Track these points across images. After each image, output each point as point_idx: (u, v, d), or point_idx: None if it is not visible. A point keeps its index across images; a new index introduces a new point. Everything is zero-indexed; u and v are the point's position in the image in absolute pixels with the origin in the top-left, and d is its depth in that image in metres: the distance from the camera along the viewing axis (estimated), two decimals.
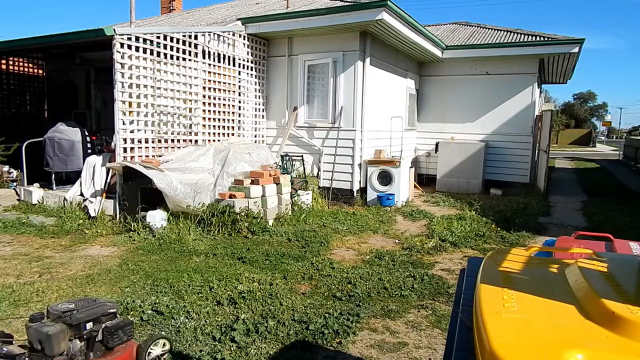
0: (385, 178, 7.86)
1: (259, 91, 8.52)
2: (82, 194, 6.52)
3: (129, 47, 5.99)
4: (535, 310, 1.00)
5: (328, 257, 4.80)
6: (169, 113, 6.70)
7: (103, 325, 2.36)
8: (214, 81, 7.47)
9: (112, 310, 2.42)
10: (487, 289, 1.11)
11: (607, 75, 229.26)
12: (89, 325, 2.30)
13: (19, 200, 7.05)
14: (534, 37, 9.77)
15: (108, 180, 6.31)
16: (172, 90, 6.70)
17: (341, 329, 3.05)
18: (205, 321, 3.11)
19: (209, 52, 7.29)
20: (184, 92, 6.92)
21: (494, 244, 5.60)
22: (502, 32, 10.92)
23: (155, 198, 5.62)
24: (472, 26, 12.04)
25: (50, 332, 2.14)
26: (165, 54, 6.52)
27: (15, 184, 7.64)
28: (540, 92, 13.25)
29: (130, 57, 6.02)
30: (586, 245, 2.12)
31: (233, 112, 7.96)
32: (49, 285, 3.78)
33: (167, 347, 2.67)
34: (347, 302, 3.57)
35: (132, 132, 6.18)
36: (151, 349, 2.55)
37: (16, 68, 10.33)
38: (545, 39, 9.47)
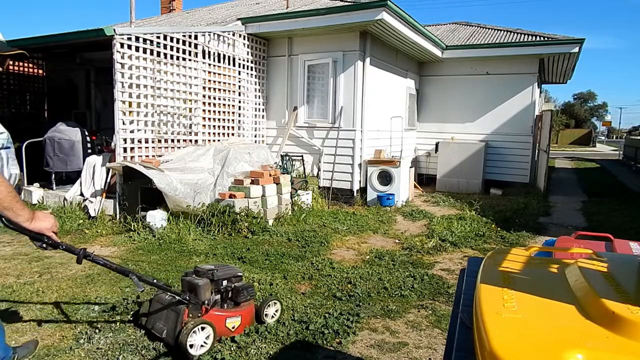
0: (385, 178, 7.86)
1: (259, 91, 8.52)
2: (82, 194, 6.52)
3: (129, 47, 5.99)
4: (535, 310, 1.00)
5: (328, 257, 4.79)
6: (169, 113, 6.70)
7: (233, 285, 2.96)
8: (214, 81, 7.47)
9: (239, 274, 3.03)
10: (487, 289, 1.11)
11: (607, 75, 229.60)
12: (225, 283, 2.92)
13: None
14: (533, 37, 9.77)
15: (108, 180, 6.31)
16: (172, 90, 6.70)
17: (341, 329, 3.04)
18: None
19: (209, 52, 7.29)
20: (184, 92, 6.92)
21: (494, 244, 5.60)
22: (502, 32, 10.93)
23: (155, 198, 5.62)
24: (472, 26, 12.04)
25: (200, 283, 2.78)
26: (165, 54, 6.51)
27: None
28: (540, 92, 13.26)
29: (130, 57, 6.02)
30: (586, 245, 2.12)
31: (233, 112, 7.96)
32: (49, 285, 3.78)
33: (279, 307, 3.19)
34: (347, 302, 3.58)
35: (132, 132, 6.18)
36: (267, 308, 3.11)
37: (16, 68, 10.32)
38: (545, 39, 9.47)
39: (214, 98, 7.49)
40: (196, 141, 7.21)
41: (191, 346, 2.60)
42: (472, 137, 10.19)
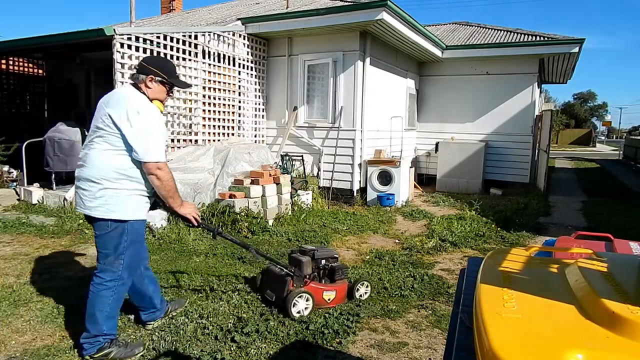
0: (385, 178, 7.86)
1: (259, 91, 8.52)
2: None
3: (129, 47, 5.99)
4: (535, 310, 1.00)
5: None
6: (168, 113, 6.70)
7: (330, 264, 3.52)
8: (214, 81, 7.47)
9: (335, 256, 3.61)
10: (487, 289, 1.11)
11: (607, 75, 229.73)
12: (323, 262, 3.50)
13: (19, 200, 7.05)
14: (533, 37, 9.77)
15: None
16: None
17: (341, 329, 3.04)
18: (206, 321, 3.11)
19: (209, 52, 7.29)
20: (183, 92, 6.92)
21: (494, 244, 5.60)
22: (502, 32, 10.93)
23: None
24: (472, 26, 12.05)
25: (303, 260, 3.37)
26: (165, 54, 6.51)
27: (15, 183, 7.64)
28: (540, 92, 13.26)
29: (130, 57, 6.02)
30: (586, 245, 2.13)
31: (233, 112, 7.96)
32: (49, 285, 3.78)
33: (369, 287, 3.68)
34: (347, 302, 3.57)
35: None
36: (358, 286, 3.60)
37: (16, 68, 10.33)
38: (545, 39, 9.47)
39: (214, 98, 7.49)
40: (196, 141, 7.21)
41: (296, 311, 3.18)
42: (472, 137, 10.19)
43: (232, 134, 7.95)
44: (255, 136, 8.54)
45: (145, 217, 2.72)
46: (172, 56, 6.63)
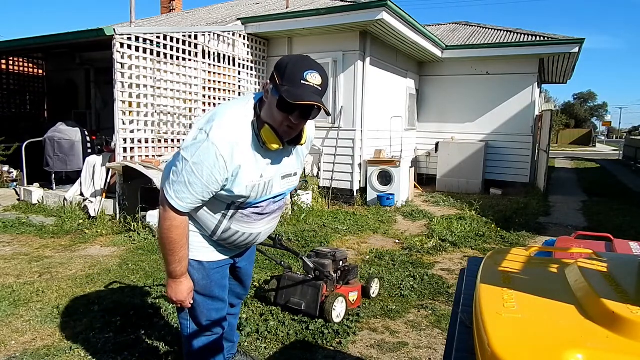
0: (385, 178, 7.86)
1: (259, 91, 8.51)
2: (82, 194, 6.52)
3: (129, 47, 5.99)
4: (535, 310, 1.00)
5: None
6: (169, 113, 6.70)
7: (345, 265, 3.45)
8: (214, 81, 7.47)
9: (347, 257, 3.55)
10: (487, 289, 1.11)
11: (607, 75, 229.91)
12: (342, 263, 3.41)
13: (19, 200, 7.05)
14: (534, 37, 9.77)
15: (108, 180, 6.31)
16: (172, 90, 6.70)
17: (341, 329, 3.04)
18: None
19: (209, 52, 7.29)
20: (184, 92, 6.92)
21: (494, 244, 5.60)
22: (502, 32, 10.93)
23: (155, 198, 5.59)
24: (472, 26, 12.04)
25: (326, 262, 3.28)
26: (165, 54, 6.51)
27: (15, 183, 7.64)
28: (540, 92, 13.25)
29: (130, 57, 6.02)
30: (586, 245, 2.13)
31: None
32: (49, 285, 3.78)
33: (379, 283, 3.75)
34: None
35: (132, 132, 6.18)
36: (373, 284, 3.65)
37: (16, 68, 10.33)
38: (545, 39, 9.47)
39: (214, 98, 7.49)
40: None
41: (335, 316, 3.10)
42: (472, 137, 10.19)
43: None
44: None
45: (212, 260, 1.93)
46: (172, 56, 6.63)
